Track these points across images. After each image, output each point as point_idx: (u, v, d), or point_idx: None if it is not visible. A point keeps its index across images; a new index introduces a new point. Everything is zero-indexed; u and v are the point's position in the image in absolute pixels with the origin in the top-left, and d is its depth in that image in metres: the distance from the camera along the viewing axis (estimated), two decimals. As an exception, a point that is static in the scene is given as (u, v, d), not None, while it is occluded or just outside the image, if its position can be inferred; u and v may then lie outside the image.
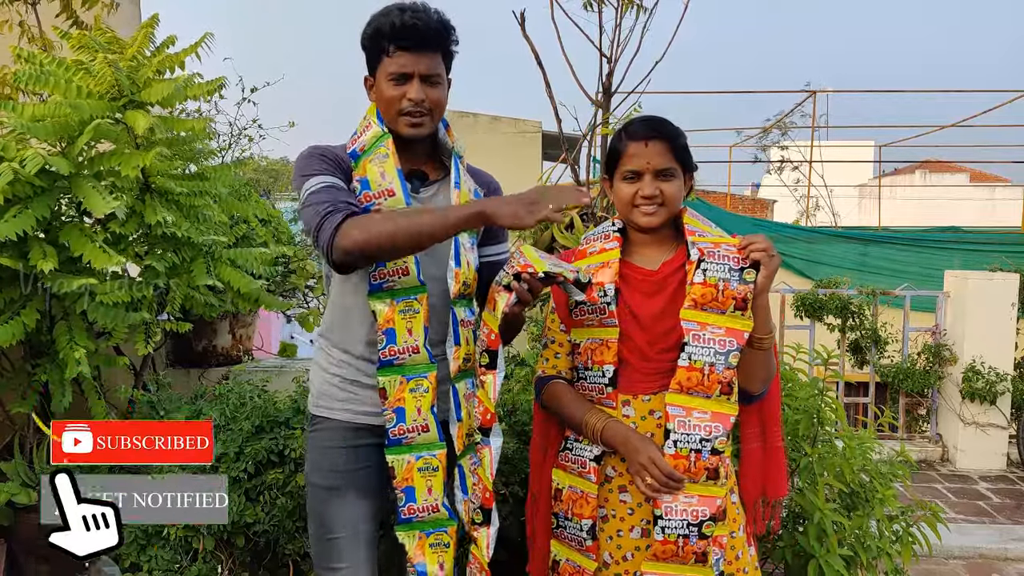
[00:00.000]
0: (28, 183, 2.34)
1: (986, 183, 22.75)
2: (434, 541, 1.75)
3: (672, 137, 1.71)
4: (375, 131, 1.75)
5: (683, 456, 1.62)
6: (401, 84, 1.70)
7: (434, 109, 1.73)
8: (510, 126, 8.21)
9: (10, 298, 2.55)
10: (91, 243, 2.47)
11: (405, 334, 1.70)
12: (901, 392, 5.77)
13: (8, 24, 3.30)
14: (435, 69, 1.72)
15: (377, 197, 1.69)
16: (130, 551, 2.64)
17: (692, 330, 1.64)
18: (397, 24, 1.67)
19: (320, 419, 1.85)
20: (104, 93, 2.56)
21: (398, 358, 1.71)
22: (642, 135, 1.70)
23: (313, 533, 1.86)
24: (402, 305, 1.70)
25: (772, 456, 1.80)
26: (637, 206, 1.70)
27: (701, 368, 1.63)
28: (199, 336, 3.74)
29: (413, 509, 1.74)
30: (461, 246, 1.74)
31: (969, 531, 4.20)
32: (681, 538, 1.60)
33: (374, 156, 1.72)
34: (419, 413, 1.72)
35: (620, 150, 1.73)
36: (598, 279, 1.70)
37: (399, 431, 1.72)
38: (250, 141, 4.25)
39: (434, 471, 1.73)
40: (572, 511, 1.74)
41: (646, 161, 1.68)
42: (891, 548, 2.32)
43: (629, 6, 3.01)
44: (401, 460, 1.73)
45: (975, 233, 10.98)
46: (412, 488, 1.73)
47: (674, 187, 1.71)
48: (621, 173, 1.73)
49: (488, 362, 1.63)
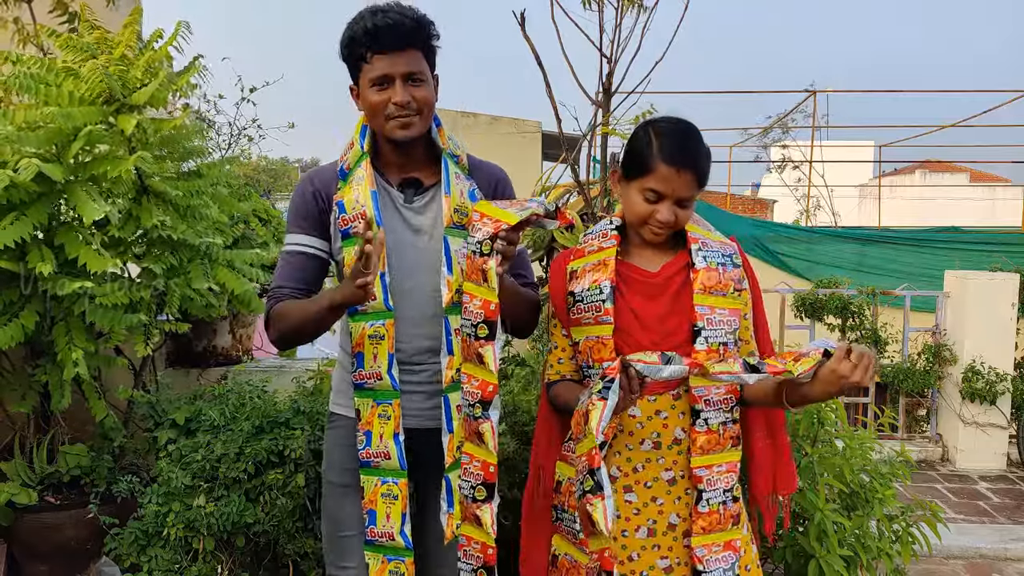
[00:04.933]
0: (24, 189, 2.35)
1: (986, 183, 22.75)
2: (392, 568, 1.75)
3: (704, 171, 1.68)
4: (356, 151, 1.76)
5: (713, 431, 1.66)
6: (384, 89, 1.67)
7: (423, 108, 1.70)
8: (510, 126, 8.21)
9: (9, 300, 2.56)
10: (86, 246, 2.47)
11: (371, 359, 1.71)
12: (901, 392, 5.77)
13: (2, 22, 3.29)
14: (416, 67, 1.69)
15: (352, 220, 1.71)
16: (130, 551, 2.64)
17: (704, 314, 1.65)
18: (370, 27, 1.64)
19: (336, 416, 1.86)
20: (96, 98, 2.56)
21: (367, 383, 1.72)
22: (679, 162, 1.63)
23: (325, 531, 1.86)
24: (371, 330, 1.71)
25: (781, 453, 1.81)
26: (649, 224, 1.69)
27: (717, 349, 1.65)
28: (199, 336, 3.74)
29: (374, 532, 1.74)
30: (454, 252, 1.70)
31: (969, 531, 4.20)
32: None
33: (354, 177, 1.73)
34: (380, 440, 1.72)
35: (650, 165, 1.64)
36: (595, 277, 1.70)
37: (366, 454, 1.73)
38: (250, 141, 4.26)
39: (394, 499, 1.73)
40: (570, 503, 1.73)
41: (672, 188, 1.64)
42: (891, 548, 2.32)
43: (629, 6, 3.00)
44: (370, 482, 1.74)
45: (975, 233, 10.96)
46: (374, 512, 1.74)
47: (689, 212, 1.70)
48: (643, 188, 1.66)
49: (487, 333, 1.56)
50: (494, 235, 1.51)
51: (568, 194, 3.62)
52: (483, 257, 1.51)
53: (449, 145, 1.80)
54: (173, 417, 2.78)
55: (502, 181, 1.88)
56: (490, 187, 1.84)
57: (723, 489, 1.66)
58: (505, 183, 1.88)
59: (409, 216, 1.76)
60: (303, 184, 1.79)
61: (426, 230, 1.76)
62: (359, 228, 1.60)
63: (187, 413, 2.79)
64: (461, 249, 1.66)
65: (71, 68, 2.56)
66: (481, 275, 1.52)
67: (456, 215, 1.73)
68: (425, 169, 1.80)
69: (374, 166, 1.77)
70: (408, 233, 1.75)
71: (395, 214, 1.75)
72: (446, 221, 1.72)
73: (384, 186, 1.77)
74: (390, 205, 1.76)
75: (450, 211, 1.73)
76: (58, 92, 2.49)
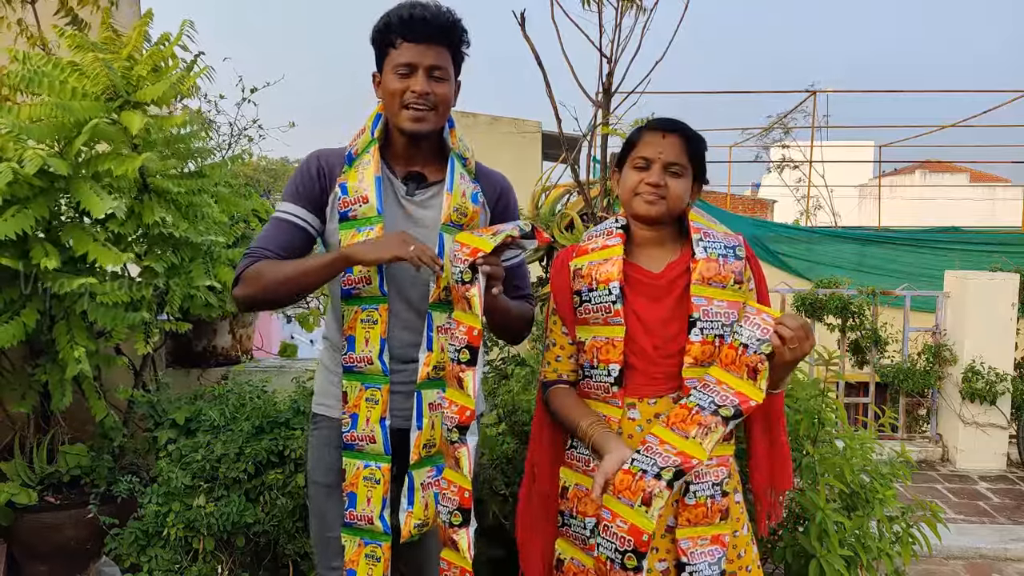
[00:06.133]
0: (27, 183, 2.34)
1: (986, 183, 22.75)
2: (369, 552, 1.75)
3: (691, 137, 1.71)
4: (366, 137, 1.77)
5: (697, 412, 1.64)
6: (406, 77, 1.69)
7: (439, 104, 1.71)
8: (510, 126, 8.21)
9: (10, 298, 2.55)
10: (95, 242, 2.47)
11: (362, 343, 1.71)
12: (901, 392, 5.77)
13: (7, 23, 3.30)
14: (442, 63, 1.70)
15: (353, 203, 1.71)
16: (130, 551, 2.64)
17: (701, 305, 1.65)
18: (406, 16, 1.67)
19: (320, 417, 1.86)
20: (99, 94, 2.56)
21: (356, 366, 1.72)
22: (661, 127, 1.70)
23: (314, 531, 1.86)
24: (364, 314, 1.71)
25: (778, 451, 1.80)
26: (639, 193, 1.70)
27: (712, 341, 1.65)
28: (199, 336, 3.74)
29: (353, 515, 1.74)
30: (447, 249, 1.71)
31: (969, 531, 4.19)
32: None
33: (360, 162, 1.74)
34: (367, 423, 1.72)
35: (636, 139, 1.73)
36: (602, 276, 1.70)
37: (351, 437, 1.73)
38: (250, 141, 4.26)
39: (376, 483, 1.73)
40: (577, 509, 1.73)
41: (659, 151, 1.68)
42: (891, 548, 2.32)
43: (629, 6, 3.00)
44: (352, 464, 1.74)
45: (975, 233, 10.96)
46: (355, 495, 1.73)
47: (681, 185, 1.70)
48: (632, 161, 1.72)
49: (468, 359, 1.59)
50: (473, 263, 1.56)
51: (567, 194, 3.62)
52: (465, 285, 1.57)
53: (459, 146, 1.81)
54: (173, 417, 2.78)
55: (506, 191, 1.90)
56: (494, 195, 1.86)
57: (712, 482, 1.66)
58: (509, 193, 1.90)
59: (409, 208, 1.77)
60: (309, 159, 1.80)
61: (424, 224, 1.76)
62: (357, 212, 1.68)
63: (187, 413, 2.79)
64: (453, 247, 1.68)
65: (76, 64, 2.56)
66: (466, 303, 1.58)
67: (455, 214, 1.74)
68: (431, 166, 1.80)
69: (382, 155, 1.78)
70: (406, 224, 1.75)
71: (395, 203, 1.76)
72: (444, 218, 1.73)
73: (388, 175, 1.77)
74: (391, 194, 1.76)
75: (449, 209, 1.73)
76: (62, 88, 2.49)
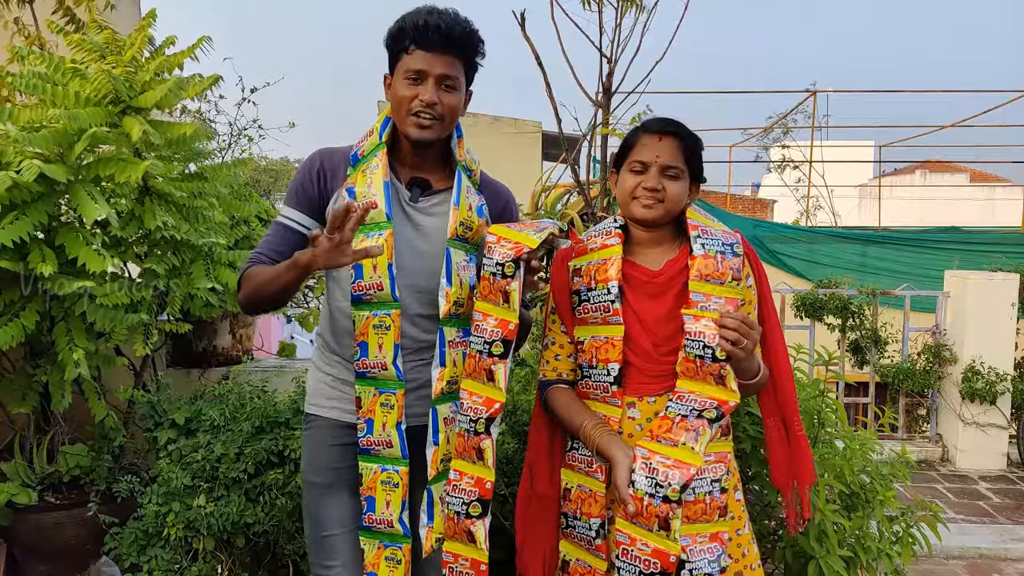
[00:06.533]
0: (26, 189, 2.35)
1: (986, 183, 22.74)
2: (389, 555, 1.76)
3: (686, 138, 1.71)
4: (374, 140, 1.76)
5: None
6: (416, 84, 1.68)
7: (446, 114, 1.70)
8: (510, 126, 8.22)
9: (10, 300, 2.56)
10: (86, 246, 2.47)
11: (376, 349, 1.70)
12: (901, 392, 5.77)
13: (4, 22, 3.29)
14: (453, 72, 1.69)
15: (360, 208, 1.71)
16: (130, 551, 2.64)
17: (699, 302, 1.64)
18: (421, 23, 1.66)
19: (313, 417, 1.86)
20: (101, 99, 2.56)
21: (369, 372, 1.72)
22: (657, 129, 1.70)
23: (308, 531, 1.86)
24: (376, 320, 1.70)
25: (797, 444, 1.80)
26: (637, 198, 1.70)
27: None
28: (199, 336, 3.74)
29: (371, 519, 1.75)
30: (455, 264, 1.70)
31: (969, 531, 4.20)
32: None
33: (367, 166, 1.73)
34: (384, 428, 1.72)
35: (632, 142, 1.73)
36: (600, 276, 1.70)
37: (367, 442, 1.73)
38: (250, 141, 4.26)
39: (394, 487, 1.73)
40: (581, 510, 1.73)
41: (655, 155, 1.68)
42: (891, 549, 2.32)
43: (629, 6, 3.01)
44: (369, 468, 1.74)
45: (975, 233, 10.96)
46: (373, 499, 1.74)
47: (678, 187, 1.70)
48: (629, 164, 1.72)
49: (502, 351, 1.59)
50: (516, 258, 1.55)
51: (568, 194, 3.62)
52: (506, 279, 1.57)
53: (466, 159, 1.80)
54: (173, 417, 2.78)
55: (510, 203, 1.90)
56: (498, 207, 1.86)
57: (711, 479, 1.65)
58: (511, 204, 1.90)
59: (412, 214, 1.77)
60: (311, 159, 1.79)
61: (426, 231, 1.76)
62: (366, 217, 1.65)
63: (187, 413, 2.79)
64: (461, 263, 1.67)
65: (78, 68, 2.57)
66: (502, 296, 1.57)
67: (461, 228, 1.74)
68: (436, 173, 1.80)
69: (388, 159, 1.77)
70: (408, 230, 1.75)
71: (399, 209, 1.76)
72: (451, 233, 1.72)
73: (393, 180, 1.77)
74: (395, 200, 1.76)
75: (456, 223, 1.73)
76: (64, 92, 2.50)
